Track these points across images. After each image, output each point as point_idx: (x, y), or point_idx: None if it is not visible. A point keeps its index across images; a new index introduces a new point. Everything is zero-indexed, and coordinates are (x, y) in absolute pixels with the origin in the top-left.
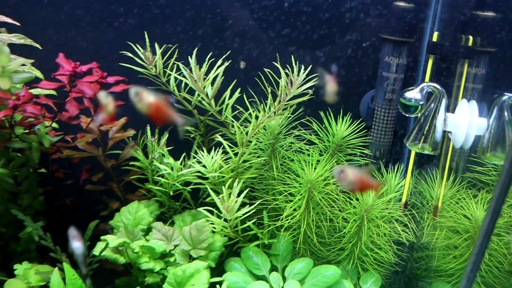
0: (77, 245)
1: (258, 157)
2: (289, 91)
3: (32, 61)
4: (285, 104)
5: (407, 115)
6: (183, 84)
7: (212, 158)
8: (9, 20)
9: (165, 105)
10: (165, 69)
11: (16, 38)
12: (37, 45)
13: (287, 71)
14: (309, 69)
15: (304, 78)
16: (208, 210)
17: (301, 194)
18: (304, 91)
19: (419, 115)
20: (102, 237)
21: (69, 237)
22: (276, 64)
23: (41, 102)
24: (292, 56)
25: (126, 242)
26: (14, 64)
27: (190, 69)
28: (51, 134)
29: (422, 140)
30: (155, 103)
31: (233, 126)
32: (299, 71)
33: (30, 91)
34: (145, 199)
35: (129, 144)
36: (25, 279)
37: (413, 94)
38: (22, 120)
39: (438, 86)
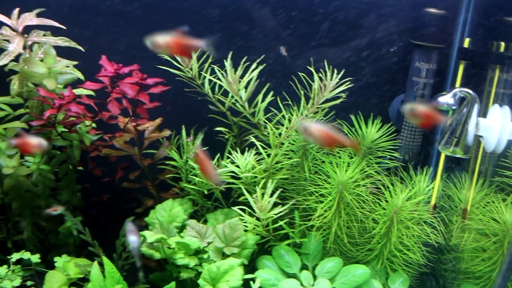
0: (133, 239)
1: (289, 158)
2: (322, 94)
3: (76, 62)
4: (317, 107)
5: None
6: (216, 87)
7: (246, 159)
8: (56, 24)
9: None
10: (200, 72)
11: (62, 41)
12: (81, 48)
13: (320, 74)
14: (342, 72)
15: (337, 82)
16: (240, 209)
17: (331, 195)
18: (337, 95)
19: (451, 119)
20: (140, 233)
21: (126, 231)
22: (310, 68)
23: (84, 102)
24: (326, 60)
25: (163, 238)
26: (60, 66)
27: (225, 72)
28: (92, 133)
29: (453, 144)
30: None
31: (265, 127)
32: (332, 74)
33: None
34: (178, 197)
35: (163, 144)
36: (65, 271)
37: (446, 99)
38: (64, 119)
39: (470, 92)
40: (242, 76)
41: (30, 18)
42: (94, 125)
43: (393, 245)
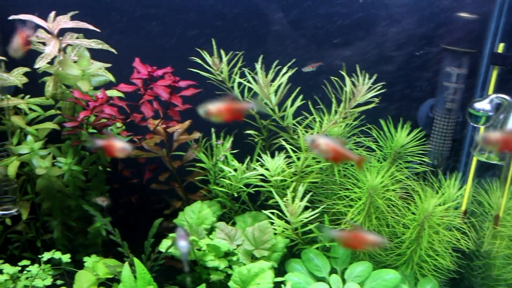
0: (183, 244)
1: (318, 162)
2: (355, 99)
3: (109, 65)
4: (348, 112)
5: (475, 125)
6: (246, 90)
7: (276, 162)
8: (90, 27)
9: None
10: (230, 75)
11: (95, 43)
12: (113, 50)
13: (353, 79)
14: (374, 78)
15: (369, 87)
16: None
17: (361, 199)
18: (368, 100)
19: (486, 125)
20: (170, 235)
21: (176, 236)
22: (342, 72)
23: (117, 104)
24: (357, 65)
25: (194, 240)
26: (94, 68)
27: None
28: (123, 135)
29: (489, 150)
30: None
31: (294, 131)
32: (364, 79)
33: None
34: (206, 199)
35: (192, 146)
36: (94, 271)
37: (482, 105)
38: (95, 121)
39: (507, 97)
40: (273, 80)
41: (65, 21)
42: (123, 127)
43: (423, 250)
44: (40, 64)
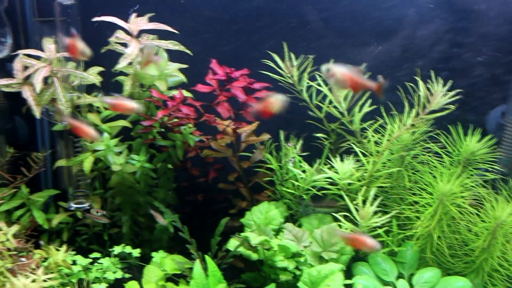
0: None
1: (384, 166)
2: (429, 105)
3: (185, 66)
4: (421, 118)
5: None
6: (314, 93)
7: (345, 166)
8: (169, 29)
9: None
10: (300, 78)
11: (172, 45)
12: (189, 52)
13: (428, 85)
14: (449, 84)
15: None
16: (334, 216)
17: (432, 205)
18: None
19: None
20: (242, 234)
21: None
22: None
23: (193, 104)
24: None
25: (266, 240)
26: (172, 69)
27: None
28: (196, 134)
29: None
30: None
31: (362, 135)
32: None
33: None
34: (270, 200)
35: (259, 147)
36: (161, 267)
37: None
38: (169, 120)
39: None
40: None
41: (144, 23)
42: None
43: (495, 259)
44: (123, 64)
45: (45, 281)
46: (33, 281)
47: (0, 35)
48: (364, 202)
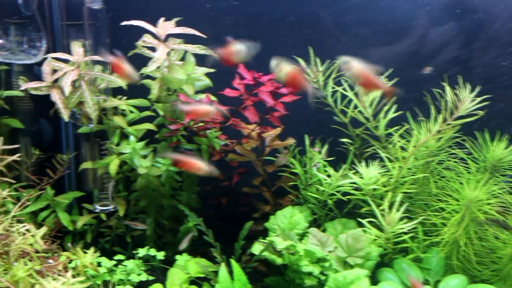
0: None
1: (408, 171)
2: (457, 111)
3: (212, 70)
4: (448, 124)
5: None
6: (339, 98)
7: (371, 171)
8: (197, 33)
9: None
10: (326, 83)
11: (199, 49)
12: (216, 56)
13: (456, 91)
14: (477, 90)
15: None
16: (359, 221)
17: (456, 212)
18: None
19: None
20: (267, 238)
21: None
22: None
23: (221, 108)
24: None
25: (293, 245)
26: (199, 73)
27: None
28: (222, 138)
29: None
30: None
31: (386, 140)
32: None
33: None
34: (293, 204)
35: (283, 152)
36: (185, 269)
37: None
38: (195, 123)
39: None
40: None
41: (172, 27)
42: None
43: None
44: (152, 68)
45: (74, 284)
46: (63, 283)
47: (35, 39)
48: (389, 207)
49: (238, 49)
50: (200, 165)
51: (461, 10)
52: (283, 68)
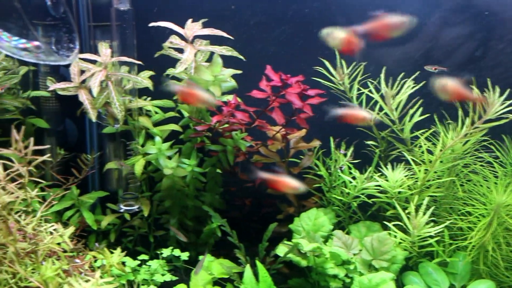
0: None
1: (434, 174)
2: (486, 114)
3: (239, 72)
4: (476, 127)
5: None
6: (364, 101)
7: (396, 174)
8: (224, 34)
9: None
10: (351, 85)
11: (226, 50)
12: (242, 58)
13: (485, 94)
14: (507, 93)
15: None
16: (384, 224)
17: (483, 216)
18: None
19: None
20: (293, 240)
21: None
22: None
23: (248, 109)
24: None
25: (319, 247)
26: (226, 74)
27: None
28: (248, 140)
29: None
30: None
31: (412, 143)
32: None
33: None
34: (317, 206)
35: (307, 154)
36: (208, 270)
37: None
38: (220, 125)
39: None
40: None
41: (199, 28)
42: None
43: None
44: (180, 69)
45: (102, 284)
46: (92, 284)
47: (68, 41)
48: (416, 211)
49: (397, 21)
50: (293, 184)
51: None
52: (336, 35)
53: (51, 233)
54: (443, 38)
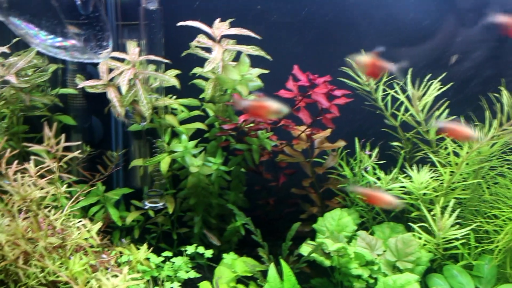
0: None
1: (459, 175)
2: None
3: (266, 71)
4: (504, 129)
5: None
6: (389, 102)
7: (422, 175)
8: (252, 34)
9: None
10: (377, 86)
11: (253, 50)
12: (269, 57)
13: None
14: None
15: None
16: (407, 225)
17: (510, 219)
18: None
19: None
20: (317, 240)
21: None
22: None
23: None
24: None
25: (344, 247)
26: (254, 73)
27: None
28: (273, 139)
29: None
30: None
31: (437, 145)
32: None
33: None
34: (340, 206)
35: (331, 154)
36: (232, 268)
37: None
38: (246, 124)
39: None
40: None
41: (227, 28)
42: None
43: None
44: (208, 68)
45: (129, 280)
46: (121, 280)
47: (102, 39)
48: (441, 213)
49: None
50: (389, 199)
51: None
52: (361, 60)
53: (79, 228)
54: (473, 40)
